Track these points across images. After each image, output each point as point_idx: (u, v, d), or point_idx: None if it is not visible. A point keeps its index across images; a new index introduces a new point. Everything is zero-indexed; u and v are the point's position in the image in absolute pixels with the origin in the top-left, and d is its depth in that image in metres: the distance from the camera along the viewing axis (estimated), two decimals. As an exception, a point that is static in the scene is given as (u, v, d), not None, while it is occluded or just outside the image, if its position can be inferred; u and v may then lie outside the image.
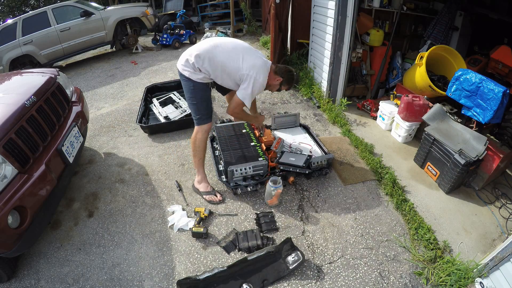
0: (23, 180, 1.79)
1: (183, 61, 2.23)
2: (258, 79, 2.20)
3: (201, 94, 2.28)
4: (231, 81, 2.27)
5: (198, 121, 2.34)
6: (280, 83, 2.39)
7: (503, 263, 1.70)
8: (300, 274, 1.93)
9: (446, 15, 3.92)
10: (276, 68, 2.35)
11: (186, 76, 2.22)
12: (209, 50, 2.17)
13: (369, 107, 3.79)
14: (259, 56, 2.29)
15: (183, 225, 2.24)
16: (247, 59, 2.19)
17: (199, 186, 2.53)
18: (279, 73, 2.34)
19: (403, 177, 2.74)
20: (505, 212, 2.41)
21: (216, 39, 2.31)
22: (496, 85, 2.51)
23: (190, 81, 2.23)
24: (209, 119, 2.35)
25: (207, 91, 2.34)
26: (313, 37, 4.31)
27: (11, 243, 1.70)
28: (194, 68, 2.19)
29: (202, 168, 2.51)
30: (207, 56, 2.16)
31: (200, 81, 2.23)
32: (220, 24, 8.91)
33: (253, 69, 2.17)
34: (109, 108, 4.24)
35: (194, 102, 2.29)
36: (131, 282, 1.91)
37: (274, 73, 2.34)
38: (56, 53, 6.26)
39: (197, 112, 2.31)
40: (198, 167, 2.50)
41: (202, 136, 2.36)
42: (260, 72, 2.21)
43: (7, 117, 1.84)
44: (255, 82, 2.18)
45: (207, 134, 2.39)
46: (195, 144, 2.39)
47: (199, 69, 2.19)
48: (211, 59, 2.17)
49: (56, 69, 2.70)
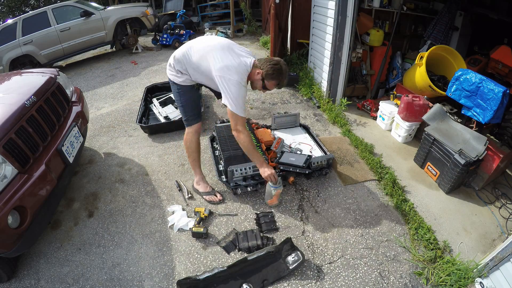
0: (23, 180, 1.79)
1: (168, 65, 2.24)
2: (232, 78, 1.95)
3: (187, 97, 2.26)
4: (212, 82, 2.11)
5: (187, 123, 2.34)
6: (262, 76, 2.08)
7: (503, 263, 1.70)
8: (300, 274, 1.93)
9: (446, 15, 3.92)
10: (258, 61, 2.11)
11: (172, 80, 2.23)
12: (185, 52, 2.12)
13: (369, 107, 3.79)
14: (238, 55, 2.05)
15: (183, 225, 2.24)
16: (218, 59, 1.99)
17: (198, 187, 2.53)
18: (259, 65, 2.09)
19: (403, 177, 2.74)
20: (505, 212, 2.41)
21: (194, 40, 2.20)
22: (496, 85, 2.51)
23: (175, 84, 2.22)
24: (196, 120, 2.33)
25: (193, 93, 2.29)
26: (313, 37, 4.31)
27: (11, 243, 1.70)
28: (176, 71, 2.18)
29: (198, 168, 2.50)
30: (183, 59, 2.12)
31: (184, 84, 2.21)
32: (220, 24, 8.91)
33: (223, 70, 1.96)
34: (109, 108, 4.24)
35: (180, 104, 2.28)
36: (131, 282, 1.91)
37: (254, 68, 2.09)
38: (56, 53, 6.27)
39: (185, 114, 2.31)
40: (194, 168, 2.50)
41: (192, 137, 2.35)
42: (233, 71, 1.96)
43: (7, 117, 1.84)
44: (229, 82, 1.95)
45: (198, 134, 2.37)
46: (187, 146, 2.39)
47: (180, 71, 2.16)
48: (188, 62, 2.11)
49: (56, 69, 2.70)
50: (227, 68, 1.96)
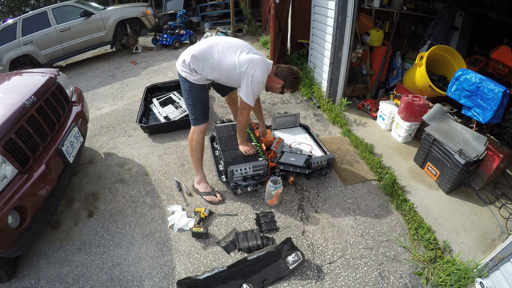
0: (23, 180, 1.79)
1: (181, 61, 2.24)
2: (256, 75, 2.12)
3: (198, 96, 2.28)
4: (232, 79, 2.23)
5: (194, 122, 2.35)
6: (282, 86, 2.32)
7: (503, 263, 1.70)
8: (300, 274, 1.93)
9: (446, 15, 3.92)
10: (277, 70, 2.28)
11: (183, 77, 2.23)
12: (205, 51, 2.17)
13: (369, 107, 3.79)
14: (257, 53, 2.24)
15: (183, 225, 2.24)
16: (243, 55, 2.15)
17: (198, 187, 2.53)
18: (280, 76, 2.28)
19: (403, 177, 2.74)
20: (505, 212, 2.41)
21: (213, 38, 2.28)
22: (496, 85, 2.51)
23: (187, 82, 2.24)
24: (204, 120, 2.36)
25: (204, 92, 2.33)
26: (313, 37, 4.31)
27: (11, 243, 1.70)
28: (190, 69, 2.20)
29: (200, 168, 2.51)
30: (203, 57, 2.16)
31: (197, 83, 2.23)
32: (220, 24, 8.91)
33: (250, 65, 2.11)
34: (109, 108, 4.24)
35: (190, 102, 2.30)
36: (131, 282, 1.91)
37: (275, 75, 2.28)
38: (56, 53, 6.26)
39: (193, 112, 2.32)
40: (196, 167, 2.51)
41: (198, 136, 2.37)
42: (257, 68, 2.13)
43: (7, 117, 1.84)
44: (252, 79, 2.12)
45: (203, 134, 2.39)
46: (192, 145, 2.41)
47: (195, 70, 2.19)
48: (208, 60, 2.16)
49: (56, 69, 2.70)
50: (252, 62, 2.13)
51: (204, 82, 2.26)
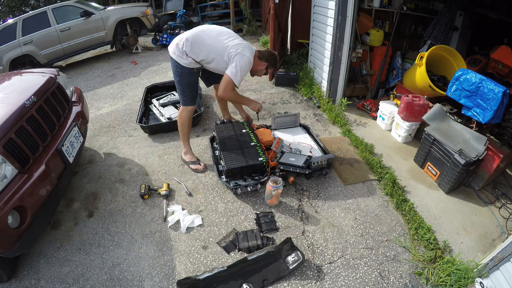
0: (23, 180, 1.79)
1: (174, 45, 2.42)
2: (246, 54, 2.34)
3: (187, 79, 2.48)
4: (221, 61, 2.39)
5: (183, 102, 2.59)
6: (266, 67, 2.58)
7: (503, 263, 1.70)
8: (300, 274, 1.93)
9: (446, 15, 3.92)
10: (259, 54, 2.52)
11: (174, 59, 2.41)
12: (197, 34, 2.40)
13: (369, 107, 3.79)
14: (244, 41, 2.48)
15: (189, 223, 2.24)
16: (233, 39, 2.41)
17: (185, 157, 2.84)
18: (263, 58, 2.53)
19: (403, 177, 2.74)
20: (505, 212, 2.41)
21: (206, 25, 2.55)
22: (496, 85, 2.51)
23: (178, 65, 2.42)
24: (193, 102, 2.63)
25: (193, 76, 2.52)
26: (313, 37, 4.31)
27: (11, 243, 1.70)
28: (181, 52, 2.37)
29: (187, 141, 2.81)
30: (196, 40, 2.36)
31: (187, 66, 2.41)
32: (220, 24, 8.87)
33: (239, 47, 2.34)
34: (109, 108, 4.24)
35: (180, 84, 2.52)
36: (131, 282, 1.91)
37: (258, 59, 2.51)
38: (56, 53, 6.27)
39: (183, 94, 2.56)
40: (183, 141, 2.80)
41: (186, 114, 2.63)
42: (247, 50, 2.37)
43: (7, 117, 1.84)
44: (243, 58, 2.32)
45: (191, 113, 2.67)
46: (181, 121, 2.67)
47: (185, 53, 2.36)
48: (200, 42, 2.36)
49: (56, 69, 2.70)
50: (241, 45, 2.37)
51: (194, 65, 2.44)
